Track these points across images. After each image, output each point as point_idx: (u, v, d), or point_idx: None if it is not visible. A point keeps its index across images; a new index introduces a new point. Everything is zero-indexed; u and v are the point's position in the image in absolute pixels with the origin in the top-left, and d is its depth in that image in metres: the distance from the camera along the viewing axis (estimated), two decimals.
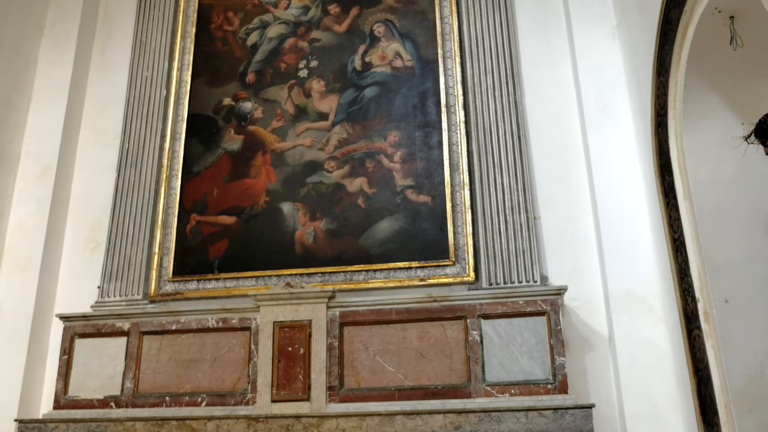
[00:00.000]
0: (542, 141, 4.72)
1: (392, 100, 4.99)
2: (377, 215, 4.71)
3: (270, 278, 4.68)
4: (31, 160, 5.22)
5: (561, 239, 4.48)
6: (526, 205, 4.48)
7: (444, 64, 4.97)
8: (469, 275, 4.42)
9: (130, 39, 5.60)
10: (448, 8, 5.12)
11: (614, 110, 4.51)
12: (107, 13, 5.84)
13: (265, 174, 4.99)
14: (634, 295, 4.12)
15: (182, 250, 4.92)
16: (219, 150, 5.15)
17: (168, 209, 5.03)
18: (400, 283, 4.50)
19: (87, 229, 5.18)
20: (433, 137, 4.82)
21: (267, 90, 5.25)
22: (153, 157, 5.16)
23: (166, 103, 5.31)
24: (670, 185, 3.68)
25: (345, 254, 4.66)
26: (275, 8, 5.50)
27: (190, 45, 5.49)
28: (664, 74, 3.67)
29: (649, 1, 3.94)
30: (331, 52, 5.25)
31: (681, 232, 3.56)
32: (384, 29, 5.22)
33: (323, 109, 5.09)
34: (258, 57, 5.37)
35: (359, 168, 4.86)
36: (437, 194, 4.67)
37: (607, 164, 4.42)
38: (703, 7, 3.19)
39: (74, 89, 5.43)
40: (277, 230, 4.81)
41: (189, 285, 4.80)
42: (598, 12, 4.79)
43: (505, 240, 4.42)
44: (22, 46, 5.36)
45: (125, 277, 4.86)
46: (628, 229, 4.23)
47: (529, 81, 4.87)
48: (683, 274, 3.57)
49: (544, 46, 4.98)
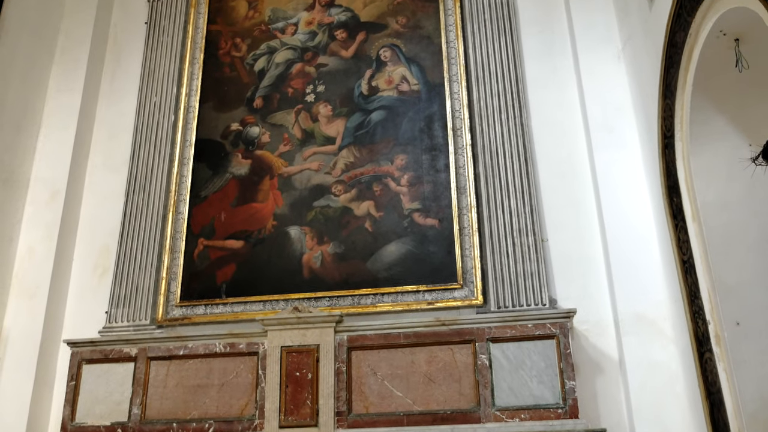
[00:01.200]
0: (549, 163, 4.73)
1: (399, 123, 5.01)
2: (384, 239, 4.70)
3: (278, 302, 4.67)
4: (40, 186, 5.25)
5: (569, 261, 4.46)
6: (533, 227, 4.47)
7: (450, 88, 5.00)
8: (477, 298, 4.40)
9: (139, 66, 5.66)
10: (454, 33, 5.16)
11: (621, 132, 4.52)
12: (116, 40, 5.92)
13: (272, 198, 5.01)
14: (644, 318, 4.09)
15: (190, 274, 4.92)
16: (227, 174, 5.18)
17: (176, 234, 5.04)
18: (408, 306, 4.48)
19: (95, 254, 5.20)
20: (439, 160, 4.83)
21: (274, 115, 5.28)
22: (161, 182, 5.19)
23: (174, 129, 5.36)
24: (678, 207, 3.67)
25: (352, 278, 4.65)
26: (282, 34, 5.56)
27: (198, 71, 5.55)
28: (670, 96, 3.68)
29: (654, 24, 3.96)
30: (337, 76, 5.29)
31: (690, 253, 3.54)
32: (390, 54, 5.27)
33: (330, 133, 5.12)
34: (265, 82, 5.42)
35: (366, 191, 4.87)
36: (444, 217, 4.67)
37: (615, 186, 4.41)
38: (707, 30, 3.21)
39: (83, 115, 5.48)
40: (285, 254, 4.81)
41: (196, 310, 4.80)
42: (603, 35, 4.82)
43: (513, 263, 4.41)
44: (32, 73, 5.42)
45: (133, 302, 4.86)
46: (637, 250, 4.21)
47: (535, 104, 4.89)
48: (693, 296, 3.55)
49: (550, 69, 5.00)
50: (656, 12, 3.93)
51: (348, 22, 5.46)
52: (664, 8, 3.72)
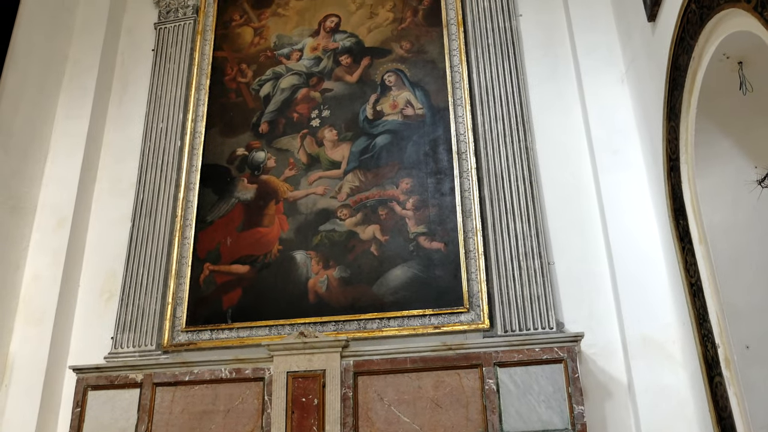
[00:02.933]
0: (554, 186, 4.73)
1: (404, 147, 5.03)
2: (390, 263, 4.70)
3: (283, 327, 4.66)
4: (47, 212, 5.27)
5: (576, 285, 4.44)
6: (539, 250, 4.46)
7: (455, 112, 5.03)
8: (483, 322, 4.38)
9: (146, 92, 5.72)
10: (458, 57, 5.20)
11: (625, 155, 4.52)
12: (124, 67, 5.98)
13: (278, 223, 5.02)
14: (653, 341, 4.06)
15: (195, 299, 4.91)
16: (232, 199, 5.19)
17: (182, 259, 5.05)
18: (414, 331, 4.46)
19: (101, 279, 5.20)
20: (445, 184, 4.84)
21: (280, 139, 5.32)
22: (167, 207, 5.21)
23: (181, 154, 5.39)
24: (685, 229, 3.65)
25: (358, 302, 4.63)
26: (288, 60, 5.61)
27: (204, 97, 5.60)
28: (675, 119, 3.69)
29: (656, 47, 3.99)
30: (342, 101, 5.33)
31: (698, 276, 3.52)
32: (395, 78, 5.31)
33: (335, 157, 5.14)
34: (271, 107, 5.46)
35: (372, 215, 4.87)
36: (450, 241, 4.66)
37: (621, 208, 4.40)
38: (711, 54, 3.22)
39: (90, 141, 5.52)
40: (291, 279, 4.81)
41: (202, 335, 4.79)
42: (606, 58, 4.85)
43: (519, 286, 4.39)
44: (41, 100, 5.48)
45: (138, 328, 4.86)
46: (644, 273, 4.19)
47: (540, 127, 4.91)
48: (702, 319, 3.52)
49: (554, 93, 5.02)
50: (659, 35, 3.96)
51: (353, 47, 5.51)
52: (666, 32, 3.75)
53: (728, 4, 2.91)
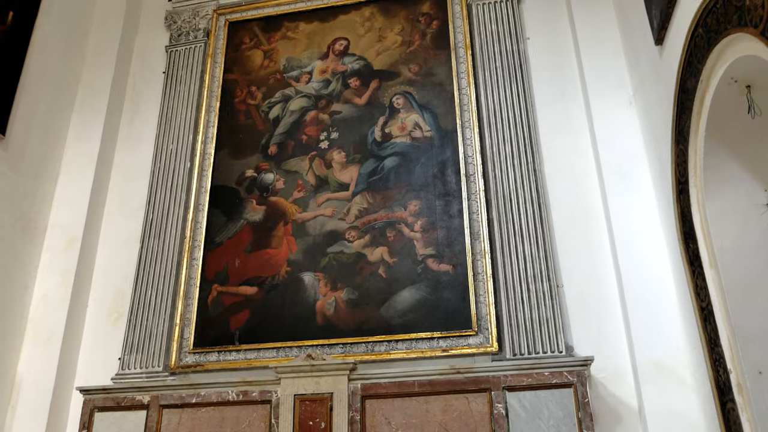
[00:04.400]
0: (563, 209, 4.72)
1: (412, 169, 5.05)
2: (398, 285, 4.68)
3: (291, 349, 4.64)
4: (57, 233, 5.30)
5: (585, 308, 4.41)
6: (548, 273, 4.44)
7: (463, 134, 5.04)
8: (492, 345, 4.35)
9: (156, 114, 5.77)
10: (466, 80, 5.23)
11: (634, 177, 4.51)
12: (135, 89, 6.04)
13: (286, 244, 5.02)
14: (663, 366, 4.02)
15: (203, 321, 4.91)
16: (241, 221, 5.21)
17: (190, 280, 5.05)
18: (422, 353, 4.43)
19: (110, 300, 5.21)
20: (453, 206, 4.84)
21: (289, 161, 5.34)
22: (176, 228, 5.23)
23: (190, 175, 5.42)
24: (695, 253, 3.63)
25: (366, 324, 4.62)
26: (297, 82, 5.66)
27: (214, 119, 5.64)
28: (683, 142, 3.68)
29: (664, 71, 4.00)
30: (351, 123, 5.36)
31: (708, 300, 3.49)
32: (403, 101, 5.34)
33: (344, 179, 5.15)
34: (280, 129, 5.49)
35: (380, 237, 4.87)
36: (458, 263, 4.65)
37: (630, 231, 4.38)
38: (719, 77, 3.22)
39: (101, 163, 5.56)
40: (298, 300, 4.80)
41: (210, 356, 4.77)
42: (614, 81, 4.86)
43: (528, 309, 4.37)
44: (53, 122, 5.54)
45: (146, 349, 4.85)
46: (654, 297, 4.16)
47: (548, 150, 4.91)
48: (713, 344, 3.48)
49: (562, 115, 5.04)
50: (666, 59, 3.97)
51: (361, 70, 5.56)
52: (674, 55, 3.76)
53: (735, 29, 2.92)
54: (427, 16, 5.64)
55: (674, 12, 3.77)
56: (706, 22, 3.23)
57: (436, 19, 5.60)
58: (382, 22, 5.73)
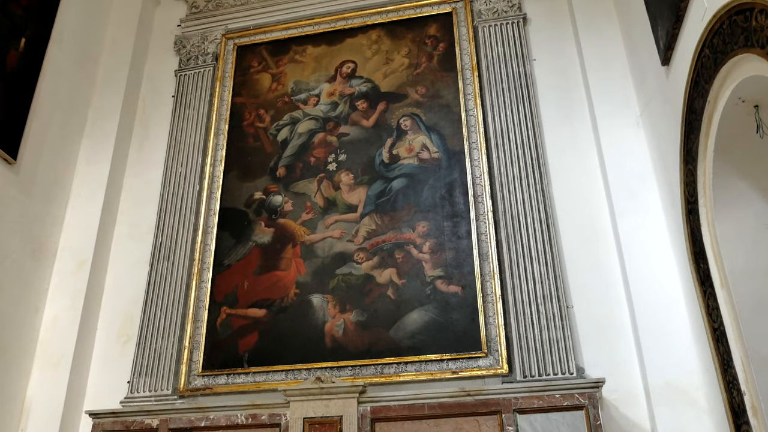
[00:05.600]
0: (571, 229, 4.71)
1: (420, 191, 5.05)
2: (407, 306, 4.67)
3: (300, 372, 4.62)
4: (67, 256, 5.32)
5: (596, 329, 4.37)
6: (558, 293, 4.42)
7: (470, 155, 5.05)
8: (502, 367, 4.32)
9: (166, 137, 5.81)
10: (473, 101, 5.25)
11: (643, 198, 4.50)
12: (144, 113, 6.10)
13: (294, 266, 5.02)
14: (676, 387, 3.98)
15: (212, 343, 4.90)
16: (250, 243, 5.22)
17: (199, 302, 5.06)
18: (431, 376, 4.40)
19: (119, 322, 5.21)
20: (461, 227, 4.84)
21: (297, 183, 5.36)
22: (185, 251, 5.24)
23: (199, 198, 5.45)
24: (705, 273, 3.61)
25: (375, 346, 4.60)
26: (305, 105, 5.70)
27: (222, 141, 5.68)
28: (692, 162, 3.68)
29: (671, 91, 4.01)
30: (359, 145, 5.38)
31: (720, 321, 3.46)
32: (410, 122, 5.36)
33: (352, 201, 5.17)
34: (288, 152, 5.52)
35: (388, 259, 4.87)
36: (467, 284, 4.63)
37: (639, 251, 4.37)
38: (726, 98, 3.23)
39: (111, 186, 5.59)
40: (307, 323, 4.79)
41: (218, 379, 4.76)
42: (621, 101, 4.88)
43: (537, 330, 4.34)
44: (63, 146, 5.58)
45: (155, 372, 4.84)
46: (665, 317, 4.13)
47: (556, 170, 4.92)
48: (726, 365, 3.45)
49: (569, 136, 5.05)
50: (673, 79, 3.98)
51: (369, 92, 5.60)
52: (680, 76, 3.77)
53: (742, 50, 2.93)
54: (434, 38, 5.69)
55: (680, 33, 3.79)
56: (712, 43, 3.25)
57: (443, 41, 5.64)
58: (388, 44, 5.78)
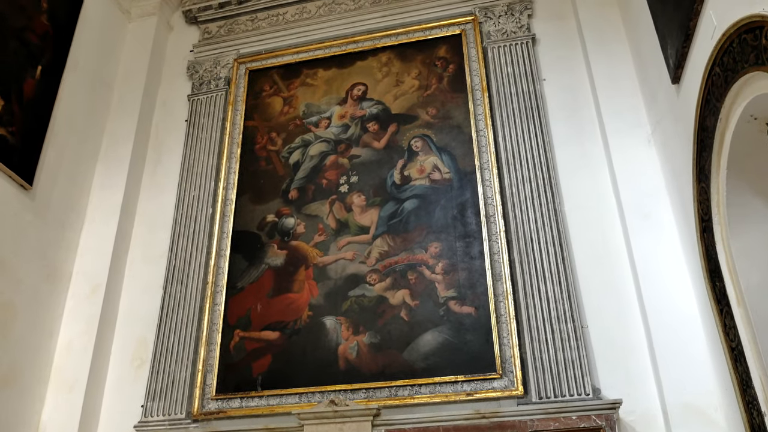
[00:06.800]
0: (585, 248, 4.68)
1: (432, 211, 5.06)
2: (421, 328, 4.65)
3: (313, 395, 4.60)
4: (81, 280, 5.35)
5: (611, 349, 4.33)
6: (572, 313, 4.39)
7: (482, 176, 5.06)
8: (517, 389, 4.28)
9: (179, 161, 5.86)
10: (483, 122, 5.27)
11: (656, 216, 4.48)
12: (158, 138, 6.16)
13: (307, 288, 5.03)
14: (694, 408, 3.92)
15: (225, 366, 4.89)
16: (262, 265, 5.23)
17: (212, 325, 5.06)
18: (446, 398, 4.36)
19: (133, 346, 5.22)
20: (474, 247, 4.83)
21: (309, 206, 5.38)
22: (198, 274, 5.26)
23: (212, 221, 5.48)
24: (721, 291, 3.58)
25: (389, 368, 4.57)
26: (316, 128, 5.75)
27: (235, 165, 5.73)
28: (705, 180, 3.66)
29: (682, 109, 4.00)
30: (370, 167, 5.41)
31: (738, 340, 3.42)
32: (421, 144, 5.39)
33: (364, 222, 5.18)
34: (300, 174, 5.55)
35: (401, 280, 4.86)
36: (481, 305, 4.61)
37: (654, 270, 4.33)
38: (738, 115, 3.22)
39: (125, 210, 5.63)
40: (320, 345, 4.78)
41: (232, 403, 4.75)
42: (631, 120, 4.87)
43: (552, 351, 4.31)
44: (78, 171, 5.64)
45: (169, 396, 4.84)
46: (682, 337, 4.08)
47: (568, 189, 4.90)
48: (745, 385, 3.40)
49: (580, 154, 5.04)
50: (684, 97, 3.98)
51: (379, 114, 5.63)
52: (691, 94, 3.77)
53: (752, 68, 2.93)
54: (444, 60, 5.73)
55: (690, 51, 3.80)
56: (722, 61, 3.25)
57: (452, 62, 5.68)
58: (399, 66, 5.82)
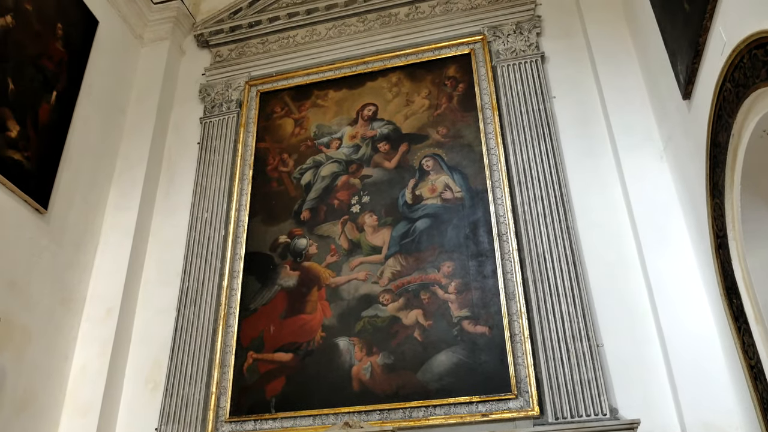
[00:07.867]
0: (599, 266, 4.64)
1: (444, 231, 5.05)
2: (434, 348, 4.62)
3: (327, 417, 4.57)
4: (96, 302, 5.37)
5: (628, 367, 4.27)
6: (587, 332, 4.34)
7: (493, 194, 5.05)
8: (533, 409, 4.23)
9: (192, 183, 5.91)
10: (494, 140, 5.27)
11: (670, 232, 4.44)
12: (171, 160, 6.21)
13: (320, 309, 5.02)
14: (714, 427, 3.85)
15: (239, 388, 4.88)
16: (275, 287, 5.23)
17: (225, 347, 5.06)
18: (461, 419, 4.32)
19: (146, 369, 5.22)
20: (486, 266, 4.81)
21: (321, 226, 5.40)
22: (212, 296, 5.27)
23: (225, 243, 5.50)
24: (739, 308, 3.53)
25: (403, 390, 4.54)
26: (327, 148, 5.77)
27: (247, 186, 5.76)
28: (719, 196, 3.63)
29: (694, 125, 3.99)
30: (382, 187, 5.41)
31: (757, 358, 3.37)
32: (432, 163, 5.39)
33: (376, 242, 5.17)
34: (312, 195, 5.57)
35: (414, 300, 4.84)
36: (494, 324, 4.58)
37: (669, 287, 4.29)
38: (750, 131, 3.21)
39: (138, 233, 5.68)
40: (334, 366, 4.76)
41: (246, 426, 4.72)
42: (643, 136, 4.85)
43: (568, 370, 4.26)
44: (92, 194, 5.69)
45: (182, 419, 4.82)
46: (700, 355, 4.02)
47: (580, 206, 4.88)
48: (766, 404, 3.34)
49: (592, 171, 5.02)
50: (695, 113, 3.96)
51: (390, 134, 5.65)
52: (703, 109, 3.75)
53: (764, 83, 2.92)
54: (453, 79, 5.75)
55: (700, 67, 3.79)
56: (733, 77, 3.24)
57: (462, 81, 5.70)
58: (409, 86, 5.85)
